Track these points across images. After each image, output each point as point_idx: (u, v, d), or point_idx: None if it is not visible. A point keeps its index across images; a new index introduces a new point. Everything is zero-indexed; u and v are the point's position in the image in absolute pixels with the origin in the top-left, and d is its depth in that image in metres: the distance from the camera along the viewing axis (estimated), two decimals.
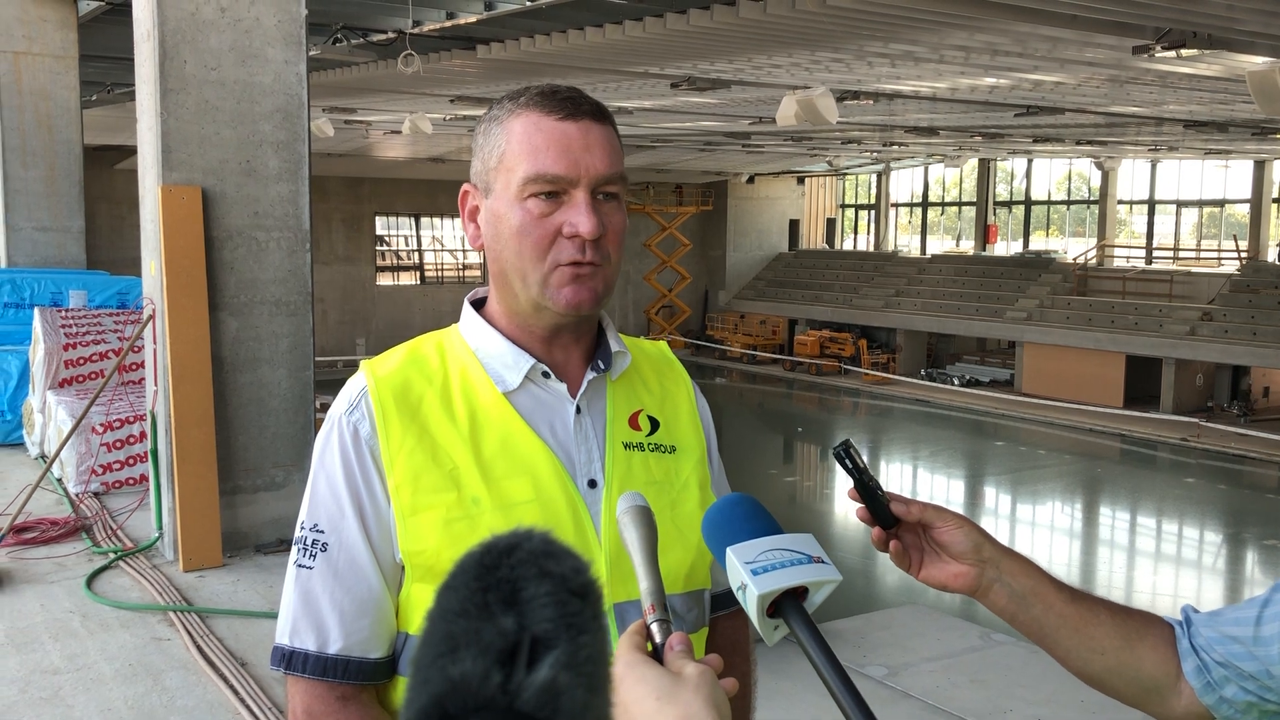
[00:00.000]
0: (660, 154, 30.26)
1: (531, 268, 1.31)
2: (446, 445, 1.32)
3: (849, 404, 30.38)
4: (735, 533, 1.05)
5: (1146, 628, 1.25)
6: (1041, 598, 1.24)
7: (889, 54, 11.76)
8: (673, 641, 0.94)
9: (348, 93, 16.74)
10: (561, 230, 1.30)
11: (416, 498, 1.30)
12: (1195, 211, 32.35)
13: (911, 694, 4.23)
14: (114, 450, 7.33)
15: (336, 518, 1.31)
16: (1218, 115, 17.30)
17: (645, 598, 0.99)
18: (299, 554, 1.34)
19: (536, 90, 1.34)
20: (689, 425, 1.48)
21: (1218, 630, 1.21)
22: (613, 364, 1.42)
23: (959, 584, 1.23)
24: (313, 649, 1.30)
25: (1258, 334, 25.07)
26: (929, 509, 1.23)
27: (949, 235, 38.30)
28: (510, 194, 1.31)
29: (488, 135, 1.35)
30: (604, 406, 1.40)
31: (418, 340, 1.44)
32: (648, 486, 1.37)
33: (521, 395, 1.36)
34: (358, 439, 1.33)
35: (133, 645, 4.81)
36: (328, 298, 32.44)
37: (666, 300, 38.53)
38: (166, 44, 5.57)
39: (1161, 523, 19.44)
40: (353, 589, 1.30)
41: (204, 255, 5.68)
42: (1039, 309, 29.60)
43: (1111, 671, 1.24)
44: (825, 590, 1.03)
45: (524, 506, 1.31)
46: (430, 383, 1.36)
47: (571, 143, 1.30)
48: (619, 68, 13.47)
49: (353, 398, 1.36)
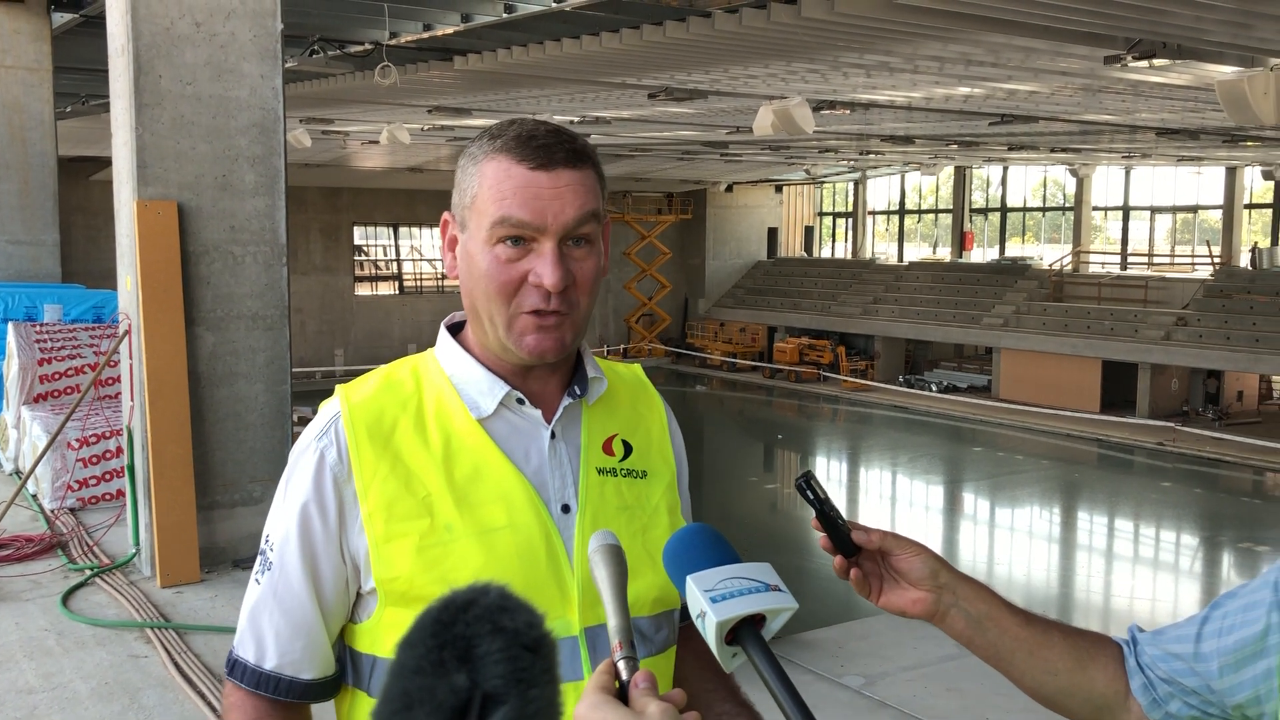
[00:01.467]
0: (639, 163, 30.33)
1: (498, 311, 1.32)
2: (420, 472, 1.33)
3: (828, 411, 30.49)
4: (695, 561, 1.07)
5: (1096, 648, 1.29)
6: (997, 622, 1.27)
7: (864, 64, 11.84)
8: (637, 679, 0.96)
9: (325, 103, 16.72)
10: (528, 277, 1.31)
11: (390, 526, 1.31)
12: (1169, 217, 32.65)
13: (888, 703, 4.27)
14: (90, 466, 7.29)
15: (284, 541, 1.34)
16: (1189, 123, 17.48)
17: (613, 635, 1.01)
18: (258, 566, 1.37)
19: (514, 133, 1.33)
20: (660, 450, 1.49)
21: (1161, 648, 1.25)
22: (589, 390, 1.43)
23: (917, 609, 1.26)
24: (251, 661, 1.35)
25: (1231, 338, 25.32)
26: (888, 537, 1.27)
27: (926, 242, 38.53)
28: (481, 236, 1.32)
29: (465, 173, 1.36)
30: (579, 432, 1.41)
31: (394, 365, 1.44)
32: (620, 511, 1.39)
33: (496, 421, 1.37)
34: (323, 466, 1.33)
35: (109, 663, 4.78)
36: (306, 308, 32.33)
37: (646, 308, 38.59)
38: (141, 59, 5.56)
39: (1139, 527, 19.58)
40: (289, 612, 1.33)
41: (180, 270, 5.67)
42: (1015, 315, 29.81)
43: (1064, 692, 1.28)
44: (782, 617, 1.06)
45: (497, 533, 1.31)
46: (404, 408, 1.37)
47: (541, 192, 1.30)
48: (596, 79, 13.51)
49: (325, 424, 1.37)
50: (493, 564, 1.30)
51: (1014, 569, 16.99)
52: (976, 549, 18.28)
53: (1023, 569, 17.03)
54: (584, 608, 1.32)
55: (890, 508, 21.45)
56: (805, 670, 4.58)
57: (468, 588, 0.60)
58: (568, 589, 1.33)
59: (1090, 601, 15.67)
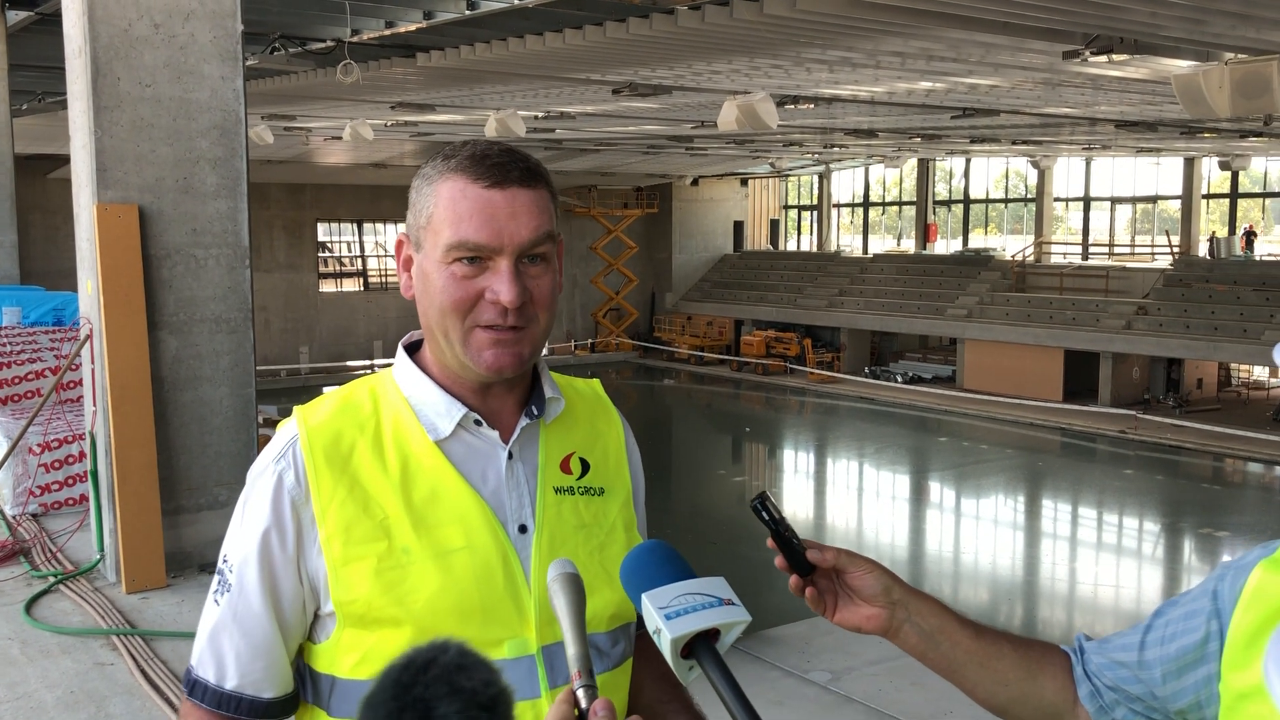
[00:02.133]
0: (604, 157, 30.31)
1: (453, 328, 1.33)
2: (377, 495, 1.34)
3: (795, 403, 30.64)
4: (650, 578, 1.10)
5: (1045, 658, 1.33)
6: (949, 635, 1.31)
7: (827, 60, 11.90)
8: (596, 708, 0.99)
9: (287, 100, 16.59)
10: (484, 294, 1.32)
11: (348, 549, 1.32)
12: (1129, 208, 33.05)
13: (854, 698, 4.32)
14: (52, 471, 7.21)
15: (243, 563, 1.34)
16: (1147, 115, 17.70)
17: (572, 664, 1.03)
18: (216, 585, 1.38)
19: (467, 153, 1.34)
20: (617, 467, 1.50)
21: (1106, 657, 1.29)
22: (546, 409, 1.43)
23: (871, 625, 1.30)
24: (211, 681, 1.35)
25: (1190, 327, 25.68)
26: (842, 555, 1.29)
27: (890, 234, 38.77)
28: (436, 255, 1.33)
29: (419, 193, 1.37)
30: (536, 452, 1.42)
31: (352, 385, 1.44)
32: (577, 530, 1.40)
33: (454, 443, 1.37)
34: (281, 489, 1.34)
35: (75, 671, 4.75)
36: (270, 306, 32.08)
37: (614, 303, 38.59)
38: (99, 61, 5.50)
39: (1102, 514, 19.85)
40: (249, 634, 1.34)
41: (142, 274, 5.61)
42: (979, 306, 30.08)
43: (1015, 701, 1.32)
44: (736, 630, 1.08)
45: (455, 554, 1.32)
46: (362, 431, 1.37)
47: (496, 211, 1.31)
48: (560, 74, 13.49)
49: (282, 447, 1.37)
50: (450, 586, 1.31)
51: (980, 557, 17.18)
52: (943, 538, 18.47)
53: (988, 557, 17.21)
54: (541, 626, 1.33)
55: (857, 499, 21.61)
56: (772, 666, 4.62)
57: (428, 645, 0.62)
58: (525, 608, 1.34)
59: (1055, 589, 15.87)
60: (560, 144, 26.09)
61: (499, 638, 1.32)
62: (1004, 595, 15.60)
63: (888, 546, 17.78)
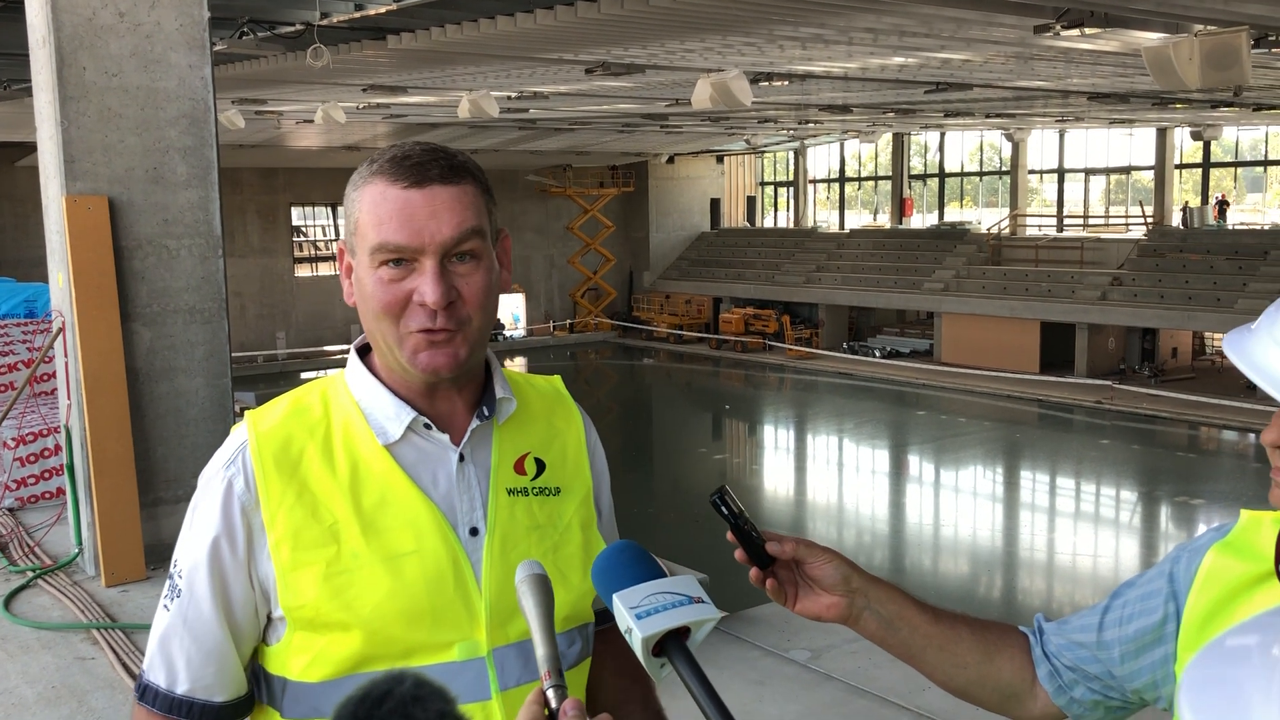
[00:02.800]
0: (578, 136, 30.18)
1: (388, 332, 1.33)
2: (326, 500, 1.34)
3: (774, 380, 30.73)
4: (621, 578, 1.11)
5: (1003, 640, 1.36)
6: (907, 621, 1.33)
7: (799, 37, 11.88)
8: (566, 708, 1.00)
9: (257, 84, 16.43)
10: (412, 297, 1.31)
11: (296, 554, 1.32)
12: (1103, 178, 33.20)
13: (834, 676, 4.36)
14: (28, 465, 7.18)
15: (193, 568, 1.34)
16: (1119, 87, 17.76)
17: (542, 664, 1.05)
18: (166, 592, 1.38)
19: (389, 156, 1.33)
20: (576, 465, 1.49)
21: (1065, 638, 1.32)
22: (498, 410, 1.42)
23: (832, 614, 1.32)
24: (162, 686, 1.35)
25: (1165, 297, 25.87)
26: (801, 545, 1.31)
27: (866, 209, 38.84)
28: (364, 261, 1.33)
29: (349, 200, 1.36)
30: (489, 453, 1.41)
31: (303, 389, 1.44)
32: (530, 531, 1.40)
33: (404, 447, 1.37)
34: (230, 495, 1.34)
35: (55, 666, 4.74)
36: (245, 292, 31.87)
37: (591, 283, 38.53)
38: (64, 50, 5.44)
39: (1079, 484, 20.04)
40: (200, 639, 1.34)
41: (114, 265, 5.57)
42: (955, 279, 30.20)
43: (974, 683, 1.35)
44: (706, 628, 1.10)
45: (404, 558, 1.32)
46: (312, 435, 1.37)
47: (416, 211, 1.30)
48: (532, 55, 13.42)
49: (232, 453, 1.37)
50: (399, 590, 1.31)
51: (959, 530, 17.32)
52: (923, 512, 18.60)
53: (968, 530, 17.35)
54: (492, 629, 1.34)
55: (838, 474, 21.73)
56: (753, 645, 4.66)
57: (385, 677, 0.62)
58: (476, 611, 1.34)
59: (1034, 560, 16.02)
60: (534, 124, 25.96)
61: (449, 640, 1.32)
62: (984, 567, 15.74)
63: (868, 520, 17.91)
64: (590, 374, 34.46)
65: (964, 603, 13.57)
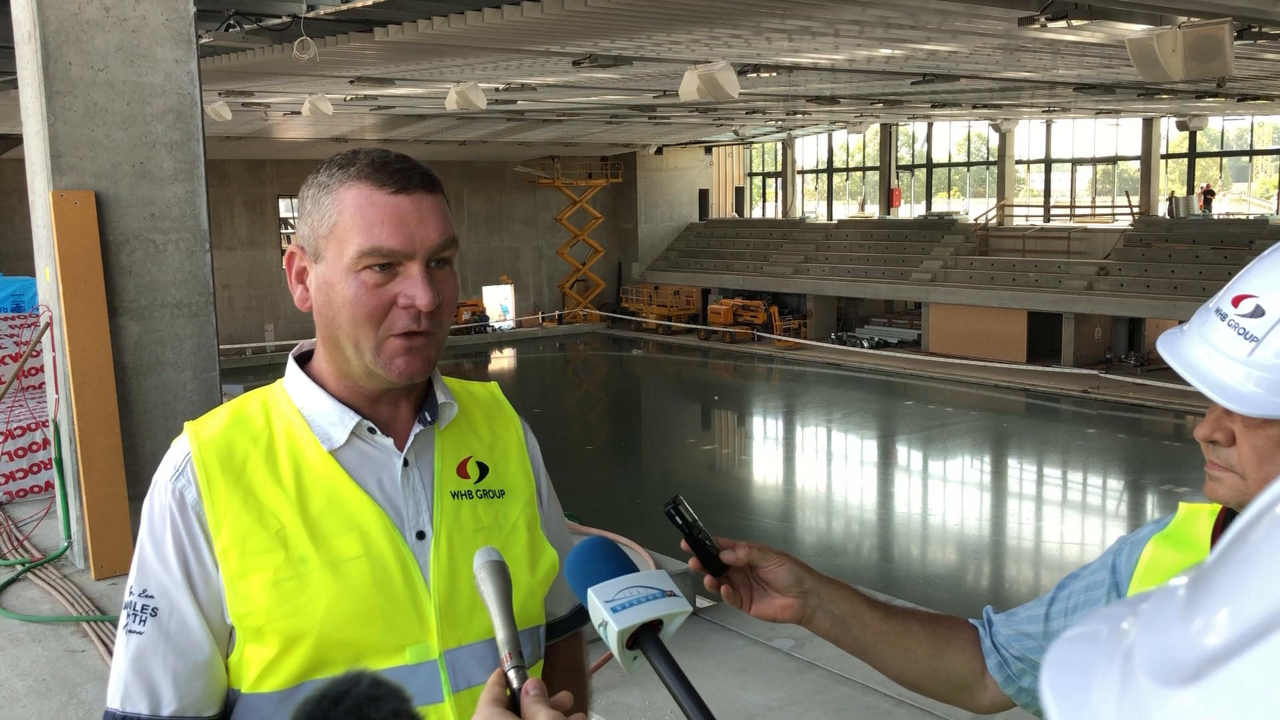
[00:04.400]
0: (566, 127, 30.16)
1: (365, 337, 1.32)
2: (272, 506, 1.33)
3: (763, 370, 30.80)
4: (595, 574, 1.14)
5: (953, 633, 1.40)
6: (859, 618, 1.36)
7: (786, 29, 11.91)
8: (528, 687, 1.03)
9: (244, 76, 16.40)
10: (397, 301, 1.31)
11: (244, 560, 1.31)
12: (1090, 169, 33.31)
13: (817, 664, 4.42)
14: (16, 459, 7.18)
15: (165, 583, 1.33)
16: (1105, 78, 17.84)
17: (502, 646, 1.08)
18: (128, 619, 1.35)
19: (367, 160, 1.34)
20: (518, 468, 1.50)
21: (1014, 629, 1.36)
22: (440, 415, 1.43)
23: (786, 615, 1.35)
24: (146, 713, 1.32)
25: (1151, 286, 25.99)
26: (754, 550, 1.34)
27: (854, 200, 38.89)
28: (343, 264, 1.32)
29: (317, 203, 1.36)
30: (432, 457, 1.42)
31: (243, 399, 1.44)
32: (476, 533, 1.41)
33: (348, 452, 1.37)
34: (184, 505, 1.34)
35: (45, 659, 4.77)
36: (233, 284, 31.80)
37: (580, 274, 38.52)
38: (49, 45, 5.44)
39: (1066, 473, 20.15)
40: (185, 652, 1.32)
41: (100, 260, 5.58)
42: (943, 270, 30.28)
43: (925, 676, 1.39)
44: (678, 621, 1.13)
45: (352, 563, 1.32)
46: (255, 443, 1.37)
47: (406, 216, 1.31)
48: (519, 47, 13.42)
49: (178, 463, 1.37)
50: (347, 594, 1.31)
51: (948, 519, 17.41)
52: (911, 501, 18.69)
53: (956, 518, 17.45)
54: (443, 631, 1.35)
55: (826, 464, 21.80)
56: (737, 634, 4.71)
57: (343, 677, 0.64)
58: (425, 614, 1.34)
59: (1021, 548, 16.12)
60: (522, 115, 25.93)
61: (400, 644, 1.33)
62: (971, 555, 15.84)
63: (856, 510, 17.99)
64: (579, 365, 34.47)
65: (951, 591, 13.68)
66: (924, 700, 4.04)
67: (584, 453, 21.53)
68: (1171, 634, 0.44)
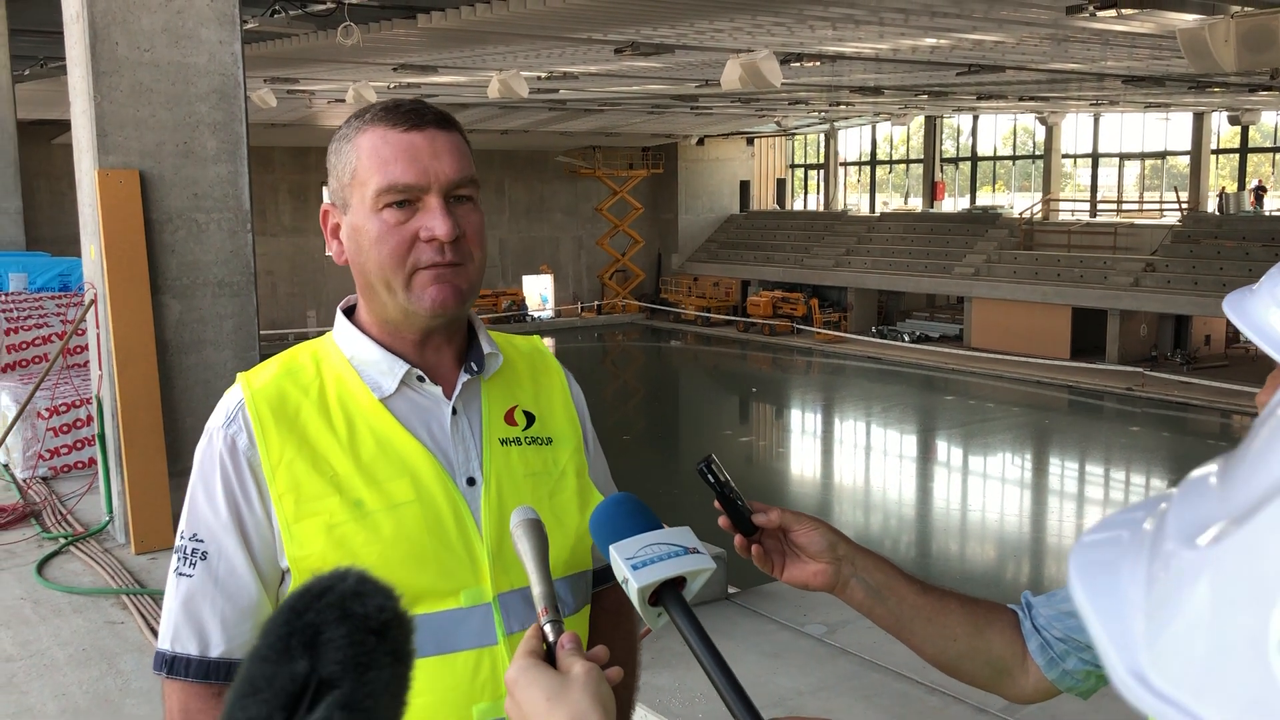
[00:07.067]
0: (608, 117, 30.15)
1: (394, 274, 1.35)
2: (325, 452, 1.36)
3: (802, 363, 30.66)
4: (618, 530, 1.13)
5: (993, 614, 1.34)
6: (895, 591, 1.32)
7: (829, 17, 11.82)
8: (563, 641, 1.04)
9: (288, 63, 16.53)
10: (419, 235, 1.34)
11: (299, 506, 1.34)
12: (1138, 164, 32.81)
13: (849, 650, 4.39)
14: (61, 435, 7.30)
15: (215, 528, 1.35)
16: (1155, 70, 17.54)
17: (539, 601, 1.08)
18: (179, 562, 1.37)
19: (380, 106, 1.38)
20: (564, 416, 1.53)
21: (1055, 609, 1.31)
22: (485, 365, 1.46)
23: (818, 582, 1.31)
24: (195, 654, 1.34)
25: (1199, 283, 25.56)
26: (786, 514, 1.31)
27: (897, 193, 38.59)
28: (366, 206, 1.35)
29: (339, 154, 1.39)
30: (479, 406, 1.45)
31: (293, 350, 1.46)
32: (526, 478, 1.43)
33: (398, 400, 1.40)
34: (235, 451, 1.36)
35: (86, 630, 4.85)
36: (276, 270, 32.11)
37: (620, 264, 38.52)
38: (97, 25, 5.51)
39: (1109, 471, 19.89)
40: (233, 595, 1.35)
41: (144, 238, 5.65)
42: (986, 264, 29.97)
43: (964, 656, 1.33)
44: (702, 578, 1.12)
45: (405, 507, 1.35)
46: (306, 393, 1.39)
47: (419, 152, 1.34)
48: (561, 34, 13.42)
49: (230, 410, 1.39)
50: (402, 538, 1.33)
51: (987, 515, 17.26)
52: (950, 496, 18.55)
53: (995, 515, 17.29)
54: (496, 575, 1.37)
55: (865, 457, 21.68)
56: (769, 619, 4.69)
57: (329, 573, 0.63)
58: (478, 559, 1.36)
59: (1062, 546, 15.94)
60: (564, 104, 25.95)
61: (453, 588, 1.35)
62: (1011, 552, 15.69)
63: (895, 505, 17.87)
64: (617, 355, 34.48)
65: (990, 589, 13.55)
66: (956, 687, 4.00)
67: (621, 442, 21.54)
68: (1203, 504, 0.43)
